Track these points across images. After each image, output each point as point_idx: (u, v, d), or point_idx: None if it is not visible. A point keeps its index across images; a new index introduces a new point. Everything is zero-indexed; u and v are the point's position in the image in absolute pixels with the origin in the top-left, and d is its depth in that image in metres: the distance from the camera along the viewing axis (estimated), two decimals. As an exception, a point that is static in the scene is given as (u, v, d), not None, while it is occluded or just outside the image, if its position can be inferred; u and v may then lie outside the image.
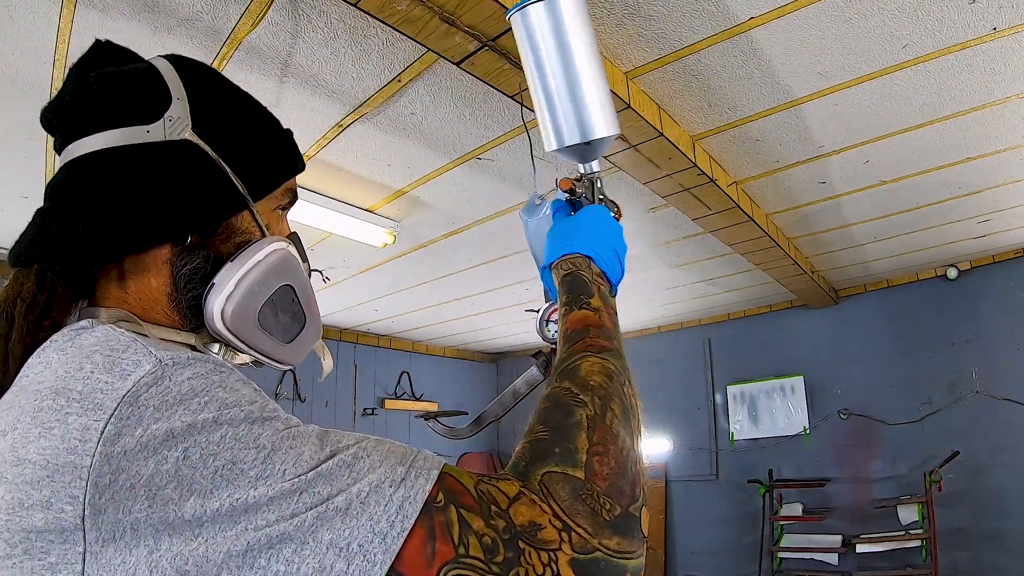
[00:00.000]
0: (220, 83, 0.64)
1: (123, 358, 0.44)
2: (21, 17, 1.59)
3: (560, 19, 0.82)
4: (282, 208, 0.68)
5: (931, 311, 4.05)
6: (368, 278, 3.82)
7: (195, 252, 0.58)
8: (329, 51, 1.78)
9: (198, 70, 0.63)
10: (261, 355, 0.62)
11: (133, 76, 0.58)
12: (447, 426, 1.02)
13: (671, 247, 3.48)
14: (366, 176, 2.57)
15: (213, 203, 0.59)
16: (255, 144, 0.63)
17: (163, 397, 0.42)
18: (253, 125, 0.64)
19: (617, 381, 0.58)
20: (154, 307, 0.57)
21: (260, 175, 0.63)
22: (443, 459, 0.47)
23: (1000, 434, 3.65)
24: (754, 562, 4.27)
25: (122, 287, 0.57)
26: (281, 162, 0.66)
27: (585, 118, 0.83)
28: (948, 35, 1.76)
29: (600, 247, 0.75)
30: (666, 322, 5.22)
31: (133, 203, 0.55)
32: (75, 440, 0.40)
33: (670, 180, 2.38)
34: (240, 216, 0.61)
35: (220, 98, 0.62)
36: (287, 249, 0.63)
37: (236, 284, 0.57)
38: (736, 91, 2.03)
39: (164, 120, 0.57)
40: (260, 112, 0.66)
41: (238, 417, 0.43)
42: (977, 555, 3.60)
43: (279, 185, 0.66)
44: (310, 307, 0.66)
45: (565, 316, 0.68)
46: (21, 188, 2.58)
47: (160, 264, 0.57)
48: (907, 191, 2.84)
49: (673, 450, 5.04)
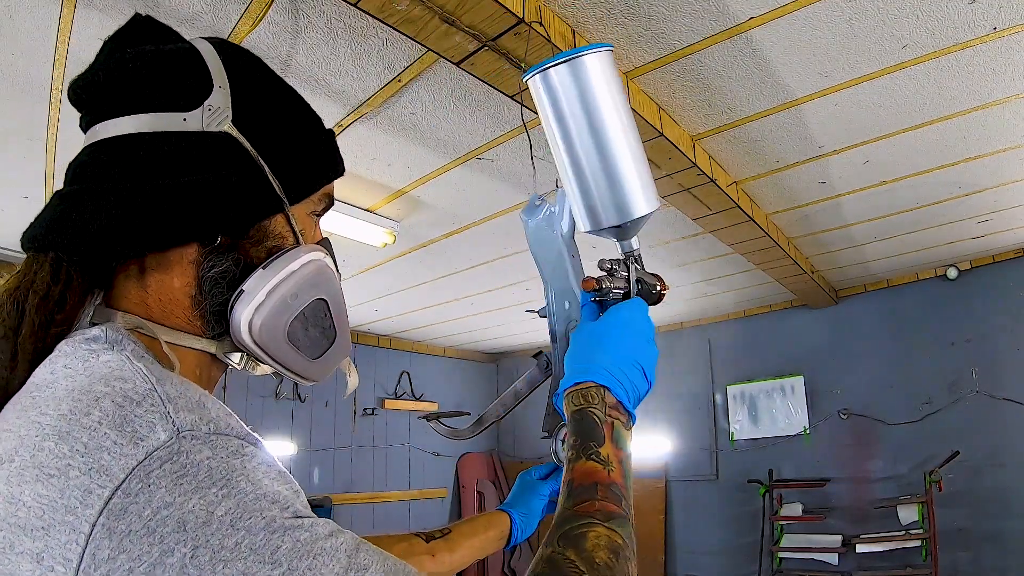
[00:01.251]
0: (265, 74, 0.60)
1: (136, 416, 0.41)
2: (21, 17, 1.59)
3: (587, 83, 0.72)
4: (317, 214, 0.64)
5: (931, 311, 4.05)
6: (368, 278, 3.82)
7: (224, 254, 0.54)
8: (329, 51, 1.78)
9: (243, 57, 0.59)
10: (285, 369, 0.58)
11: (173, 57, 0.55)
12: (449, 427, 1.03)
13: (671, 247, 3.48)
14: (366, 176, 2.57)
15: (248, 203, 0.54)
16: (296, 143, 0.59)
17: (178, 478, 0.38)
18: (296, 123, 0.60)
19: (623, 558, 0.56)
20: (174, 309, 0.53)
21: (299, 177, 0.59)
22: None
23: (1000, 434, 3.65)
24: (754, 562, 4.27)
25: (142, 285, 0.53)
26: (322, 164, 0.62)
27: (623, 196, 0.74)
28: (948, 35, 1.76)
29: (621, 368, 0.68)
30: (666, 322, 5.23)
31: (162, 196, 0.51)
32: (75, 501, 0.37)
33: (670, 180, 2.38)
34: (274, 219, 0.57)
35: (264, 90, 0.58)
36: (323, 260, 0.59)
37: (267, 295, 0.54)
38: (736, 91, 2.03)
39: (203, 109, 0.53)
40: (304, 109, 0.62)
41: (258, 524, 0.39)
42: (977, 555, 3.60)
43: (318, 189, 0.61)
44: (341, 322, 0.62)
45: (571, 465, 0.63)
46: (21, 188, 2.58)
47: (185, 264, 0.53)
48: (907, 191, 2.84)
49: (673, 450, 5.04)
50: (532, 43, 1.55)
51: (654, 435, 5.09)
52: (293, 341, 0.56)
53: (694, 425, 4.96)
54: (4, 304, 0.50)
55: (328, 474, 4.85)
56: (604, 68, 0.73)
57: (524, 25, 1.48)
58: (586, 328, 0.73)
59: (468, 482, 5.88)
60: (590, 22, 1.69)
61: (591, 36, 1.74)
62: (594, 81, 0.72)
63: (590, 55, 0.72)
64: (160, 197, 0.51)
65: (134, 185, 0.51)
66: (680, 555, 4.88)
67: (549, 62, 0.72)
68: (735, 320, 4.95)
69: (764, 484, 4.30)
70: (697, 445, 4.92)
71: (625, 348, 0.70)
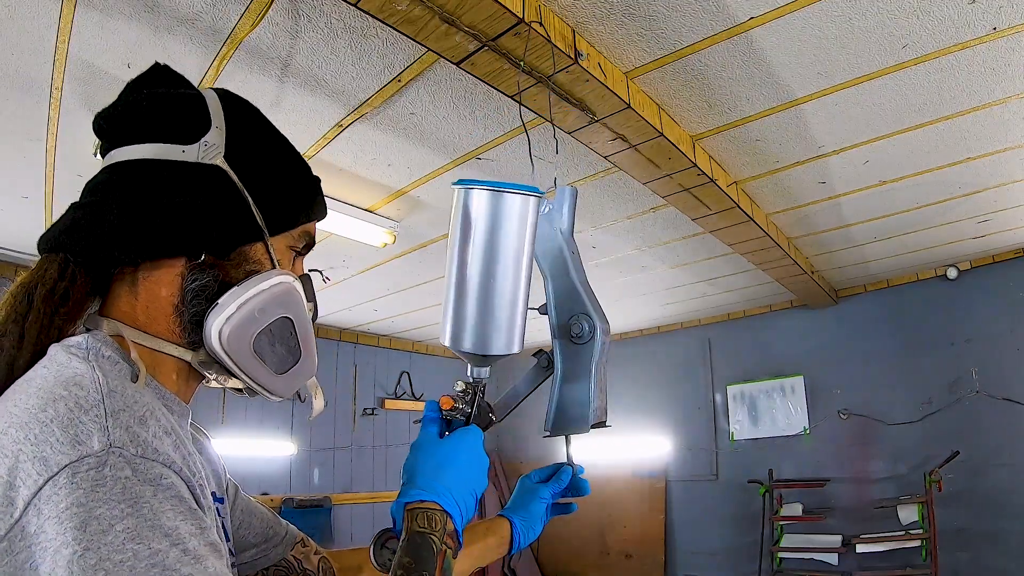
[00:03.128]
0: (260, 122, 0.69)
1: (81, 422, 0.47)
2: (21, 17, 1.59)
3: (500, 218, 0.76)
4: (297, 252, 0.71)
5: (931, 311, 4.05)
6: (368, 278, 3.82)
7: (206, 271, 0.62)
8: (329, 51, 1.78)
9: (242, 106, 0.68)
10: (253, 382, 0.64)
11: (180, 99, 0.64)
12: None
13: (671, 247, 3.48)
14: (366, 176, 2.57)
15: (231, 228, 0.63)
16: (280, 183, 0.67)
17: (96, 486, 0.44)
18: (282, 166, 0.69)
19: None
20: (159, 317, 0.61)
21: (279, 212, 0.67)
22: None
23: (1000, 434, 3.65)
24: (754, 562, 4.27)
25: (133, 292, 0.61)
26: (302, 204, 0.70)
27: (489, 331, 0.78)
28: (948, 35, 1.76)
29: (463, 495, 0.72)
30: (666, 322, 5.22)
31: (157, 213, 0.59)
32: (18, 480, 0.44)
33: (670, 180, 2.38)
34: (254, 246, 0.65)
35: (256, 135, 0.67)
36: (292, 284, 0.66)
37: (238, 307, 0.61)
38: (736, 91, 2.03)
39: (200, 144, 0.62)
40: (292, 156, 0.71)
41: (143, 552, 0.43)
42: (977, 555, 3.60)
43: (295, 226, 0.69)
44: (307, 344, 0.69)
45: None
46: (21, 188, 2.58)
47: (172, 276, 0.61)
48: (907, 191, 2.84)
49: (673, 450, 5.04)
50: (532, 43, 1.55)
51: (654, 435, 5.09)
52: (259, 353, 0.63)
53: (694, 425, 4.96)
54: (17, 294, 0.58)
55: (328, 474, 4.85)
56: (523, 210, 0.77)
57: (524, 25, 1.48)
58: (432, 443, 0.76)
59: (468, 482, 5.88)
60: (590, 22, 1.69)
61: (591, 36, 1.74)
62: (506, 218, 0.76)
63: (514, 194, 0.77)
64: (155, 213, 0.59)
65: (135, 201, 0.60)
66: (680, 555, 4.88)
67: (478, 184, 0.77)
68: (735, 320, 4.95)
69: (764, 484, 4.30)
70: (697, 445, 4.92)
71: (469, 475, 0.74)
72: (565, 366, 0.95)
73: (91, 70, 1.82)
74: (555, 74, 1.69)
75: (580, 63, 1.68)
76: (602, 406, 0.94)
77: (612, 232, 3.23)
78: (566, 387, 0.94)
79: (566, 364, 0.95)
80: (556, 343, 0.96)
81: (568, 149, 2.35)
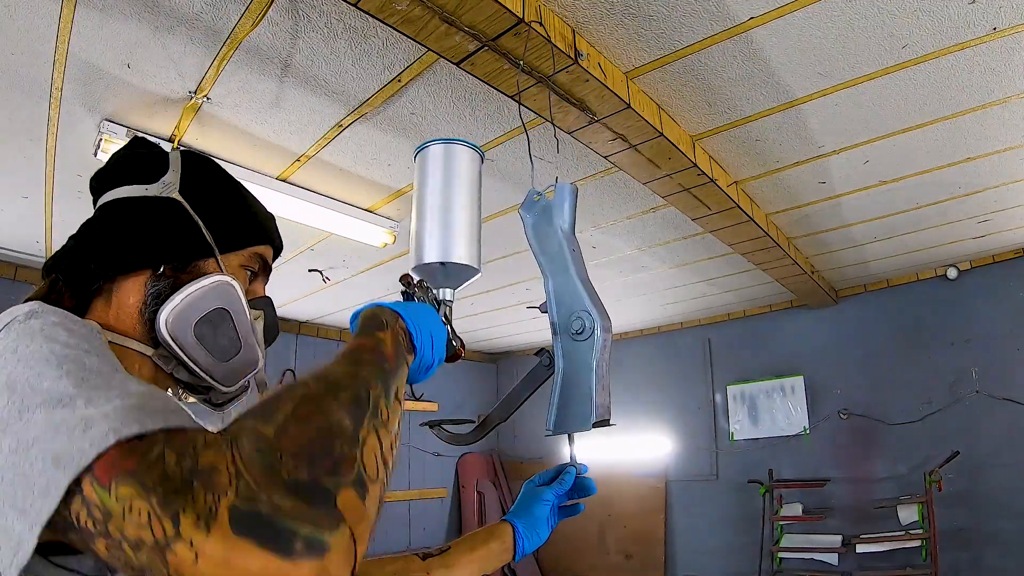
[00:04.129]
0: (211, 168, 0.84)
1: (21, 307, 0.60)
2: (21, 17, 1.59)
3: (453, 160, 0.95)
4: (253, 273, 0.84)
5: (931, 311, 4.05)
6: (368, 278, 3.82)
7: (165, 280, 0.74)
8: (329, 51, 1.78)
9: (198, 158, 0.84)
10: (199, 367, 0.74)
11: (149, 154, 0.81)
12: (451, 432, 1.02)
13: (671, 247, 3.48)
14: (366, 176, 2.57)
15: (185, 245, 0.76)
16: (228, 211, 0.82)
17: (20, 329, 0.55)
18: (230, 199, 0.84)
19: (361, 381, 0.57)
20: (127, 319, 0.73)
21: (228, 234, 0.80)
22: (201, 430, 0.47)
23: (1000, 434, 3.65)
24: (754, 562, 4.27)
25: (107, 302, 0.73)
26: (249, 229, 0.83)
27: (449, 242, 0.90)
28: (948, 35, 1.76)
29: (420, 322, 0.77)
30: (666, 322, 5.22)
31: (125, 235, 0.74)
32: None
33: (670, 180, 2.38)
34: (208, 261, 0.77)
35: (207, 177, 0.83)
36: (229, 282, 0.77)
37: (182, 299, 0.72)
38: (736, 91, 2.03)
39: (160, 183, 0.78)
40: (241, 193, 0.86)
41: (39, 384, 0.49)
42: (977, 555, 3.60)
43: (245, 247, 0.82)
44: (247, 337, 0.79)
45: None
46: (21, 188, 2.58)
47: (138, 286, 0.73)
48: (907, 191, 2.84)
49: (673, 450, 5.04)
50: (532, 43, 1.55)
51: (654, 435, 5.09)
52: (200, 339, 0.73)
53: (694, 425, 4.96)
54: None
55: (328, 474, 4.84)
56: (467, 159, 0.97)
57: (524, 25, 1.48)
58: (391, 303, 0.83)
59: (468, 482, 5.88)
60: (590, 22, 1.69)
61: (591, 36, 1.74)
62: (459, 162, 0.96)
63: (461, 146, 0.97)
64: (123, 236, 0.74)
65: (109, 229, 0.75)
66: (680, 555, 4.88)
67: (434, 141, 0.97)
68: (735, 320, 4.95)
69: (764, 484, 4.30)
70: (697, 445, 4.92)
71: (428, 319, 0.80)
72: (567, 363, 0.95)
73: (91, 70, 1.82)
74: (555, 74, 1.69)
75: (580, 63, 1.68)
76: (605, 404, 0.94)
77: (612, 232, 3.23)
78: (568, 384, 0.94)
79: (568, 361, 0.95)
80: (557, 340, 0.96)
81: (568, 149, 2.35)
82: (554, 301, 0.99)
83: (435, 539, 5.63)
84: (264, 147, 2.31)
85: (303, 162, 2.43)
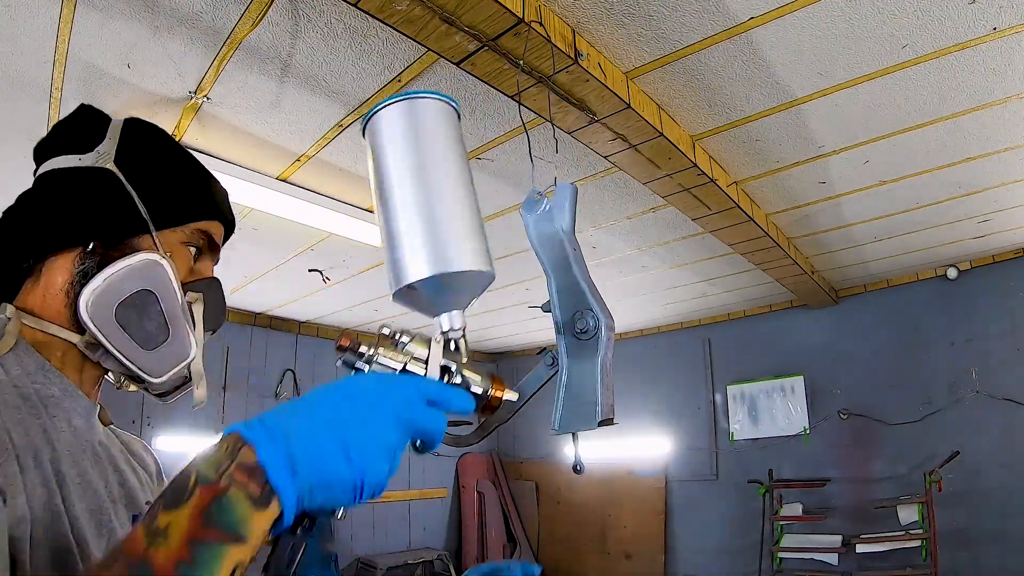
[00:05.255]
0: (155, 136, 0.77)
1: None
2: (21, 17, 1.59)
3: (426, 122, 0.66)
4: (198, 249, 0.76)
5: (931, 311, 4.05)
6: (368, 278, 3.82)
7: (93, 259, 0.67)
8: (329, 51, 1.78)
9: (141, 125, 0.77)
10: (123, 356, 0.66)
11: (88, 122, 0.75)
12: (452, 434, 1.02)
13: (671, 247, 3.48)
14: (366, 176, 2.57)
15: (117, 220, 0.69)
16: (167, 185, 0.74)
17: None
18: (171, 172, 0.75)
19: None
20: (53, 303, 0.67)
21: (165, 208, 0.73)
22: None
23: (1000, 434, 3.65)
24: (754, 562, 4.27)
25: (36, 283, 0.68)
26: (190, 204, 0.75)
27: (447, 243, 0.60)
28: (948, 35, 1.76)
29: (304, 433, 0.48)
30: (666, 322, 5.22)
31: (53, 210, 0.68)
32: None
33: (670, 180, 2.38)
34: (142, 238, 0.70)
35: (148, 147, 0.75)
36: (156, 260, 0.69)
37: (104, 280, 0.66)
38: (736, 91, 2.03)
39: (94, 152, 0.71)
40: (185, 164, 0.77)
41: None
42: (977, 555, 3.60)
43: (185, 222, 0.74)
44: (176, 325, 0.70)
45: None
46: (21, 188, 2.58)
47: (67, 265, 0.67)
48: (907, 191, 2.84)
49: (673, 450, 5.04)
50: (532, 43, 1.55)
51: (654, 435, 5.09)
52: (123, 324, 0.66)
53: (694, 425, 4.96)
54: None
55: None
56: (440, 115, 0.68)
57: (524, 25, 1.48)
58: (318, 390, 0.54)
59: (468, 482, 5.88)
60: (590, 22, 1.69)
61: (591, 36, 1.74)
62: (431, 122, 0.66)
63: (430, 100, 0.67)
64: (52, 210, 0.68)
65: (38, 203, 0.70)
66: (680, 555, 4.88)
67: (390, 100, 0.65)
68: (735, 320, 4.95)
69: (764, 484, 4.30)
70: (697, 445, 4.92)
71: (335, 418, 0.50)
72: (571, 362, 0.95)
73: (91, 70, 1.82)
74: (555, 74, 1.69)
75: (580, 63, 1.68)
76: (609, 403, 0.94)
77: (612, 232, 3.23)
78: (572, 383, 0.94)
79: (572, 360, 0.95)
80: (561, 340, 0.96)
81: (568, 149, 2.35)
82: (557, 301, 0.99)
83: (435, 539, 5.63)
84: (264, 147, 2.31)
85: (303, 162, 2.43)
